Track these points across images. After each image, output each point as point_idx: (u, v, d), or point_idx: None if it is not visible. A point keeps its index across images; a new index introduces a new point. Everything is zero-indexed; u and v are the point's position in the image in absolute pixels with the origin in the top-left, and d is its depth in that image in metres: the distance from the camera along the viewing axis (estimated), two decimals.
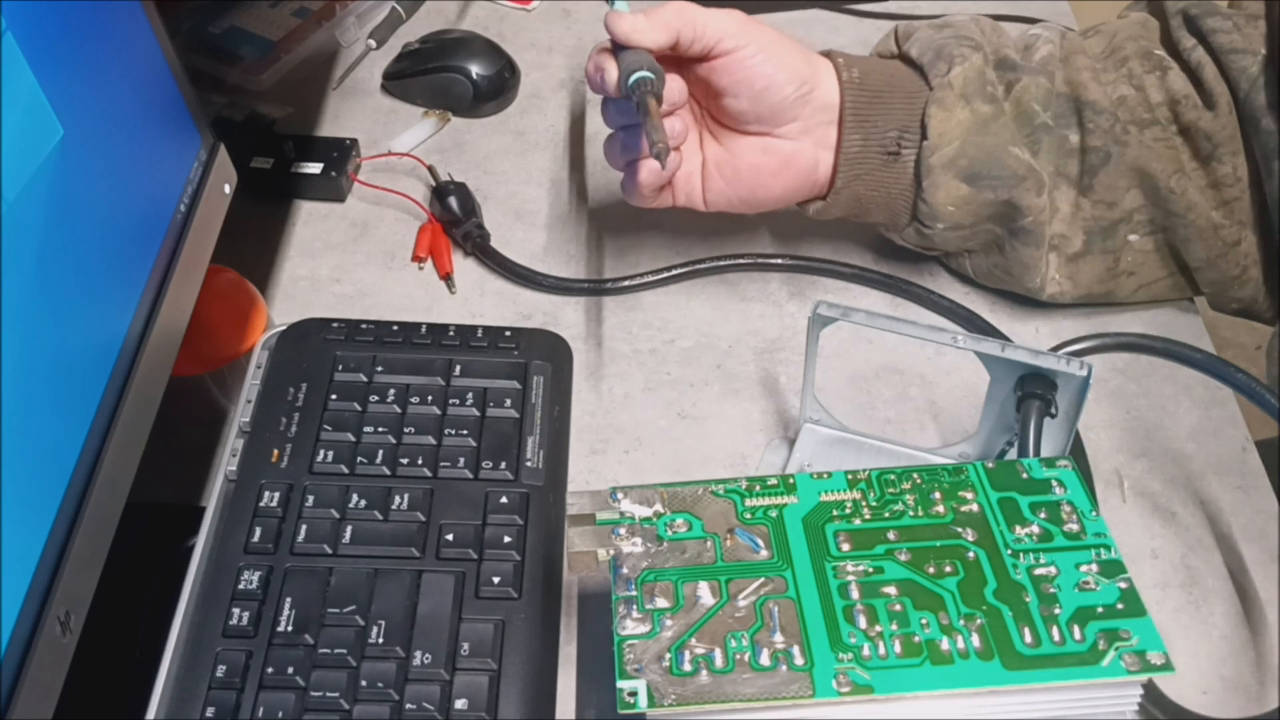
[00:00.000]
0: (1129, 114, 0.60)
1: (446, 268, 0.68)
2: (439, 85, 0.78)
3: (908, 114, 0.60)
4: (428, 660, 0.47)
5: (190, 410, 0.59)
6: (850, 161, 0.60)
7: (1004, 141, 0.59)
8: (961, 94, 0.59)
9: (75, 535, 0.42)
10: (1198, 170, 0.60)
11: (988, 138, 0.59)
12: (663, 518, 0.47)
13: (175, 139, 0.54)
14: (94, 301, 0.46)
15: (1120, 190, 0.60)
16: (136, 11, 0.50)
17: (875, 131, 0.60)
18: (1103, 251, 0.62)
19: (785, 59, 0.58)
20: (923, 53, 0.60)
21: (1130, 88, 0.60)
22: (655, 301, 0.67)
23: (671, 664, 0.42)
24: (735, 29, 0.57)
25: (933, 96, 0.59)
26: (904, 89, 0.60)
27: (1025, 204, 0.60)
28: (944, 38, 0.60)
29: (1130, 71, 0.61)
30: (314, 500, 0.52)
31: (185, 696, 0.46)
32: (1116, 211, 0.61)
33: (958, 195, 0.60)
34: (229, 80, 0.79)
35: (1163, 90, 0.60)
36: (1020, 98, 0.60)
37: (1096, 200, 0.61)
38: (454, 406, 0.55)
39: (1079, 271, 0.63)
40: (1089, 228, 0.61)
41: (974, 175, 0.59)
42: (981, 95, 0.59)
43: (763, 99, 0.58)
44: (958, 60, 0.59)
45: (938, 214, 0.60)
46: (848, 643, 0.43)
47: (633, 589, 0.44)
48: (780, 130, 0.59)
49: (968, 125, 0.59)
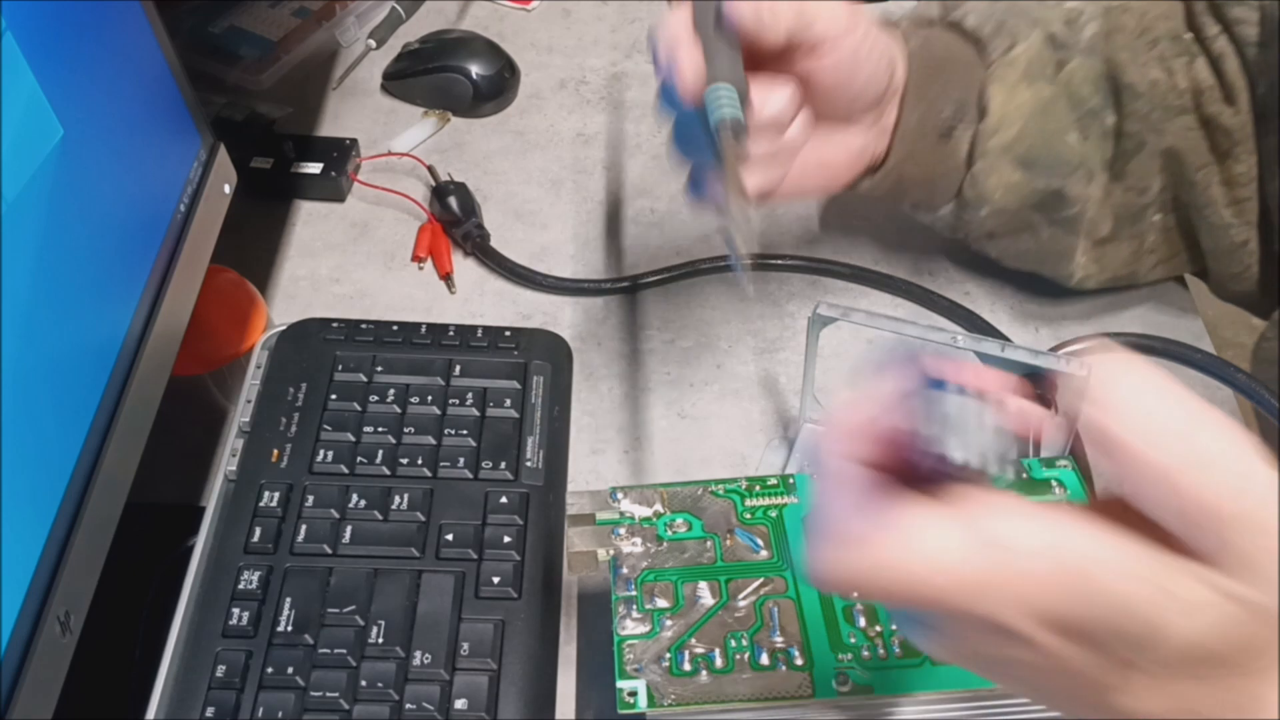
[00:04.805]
0: (1160, 99, 0.58)
1: (446, 268, 0.68)
2: (439, 85, 0.78)
3: (964, 90, 0.55)
4: (427, 660, 0.47)
5: (190, 410, 0.59)
6: (905, 140, 0.55)
7: (1062, 128, 0.56)
8: (1026, 74, 0.55)
9: (75, 535, 0.42)
10: (1215, 164, 0.59)
11: (1048, 123, 0.56)
12: (663, 518, 0.47)
13: (175, 139, 0.54)
14: (94, 301, 0.46)
15: (1151, 176, 0.59)
16: (136, 11, 0.50)
17: (932, 110, 0.55)
18: (1131, 236, 0.61)
19: (883, 45, 0.51)
20: (981, 24, 0.56)
21: (1162, 71, 0.58)
22: (655, 301, 0.67)
23: (671, 664, 0.42)
24: (849, 21, 0.47)
25: (993, 74, 0.55)
26: (960, 62, 0.55)
27: (1074, 194, 0.58)
28: (1002, 10, 0.56)
29: (1161, 54, 0.58)
30: (314, 500, 0.52)
31: (185, 696, 0.46)
32: (1146, 197, 0.59)
33: (1010, 181, 0.56)
34: (229, 80, 0.79)
35: (1189, 78, 0.58)
36: (1071, 79, 0.56)
37: (1128, 187, 0.59)
38: (454, 406, 0.55)
39: (1106, 255, 0.61)
40: (1119, 213, 0.60)
41: (1030, 161, 0.56)
42: (1044, 76, 0.55)
43: (863, 95, 0.51)
44: (1020, 37, 0.55)
45: (986, 198, 0.57)
46: (848, 643, 0.43)
47: (633, 589, 0.44)
48: (860, 120, 0.53)
49: (1029, 108, 0.55)
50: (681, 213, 0.63)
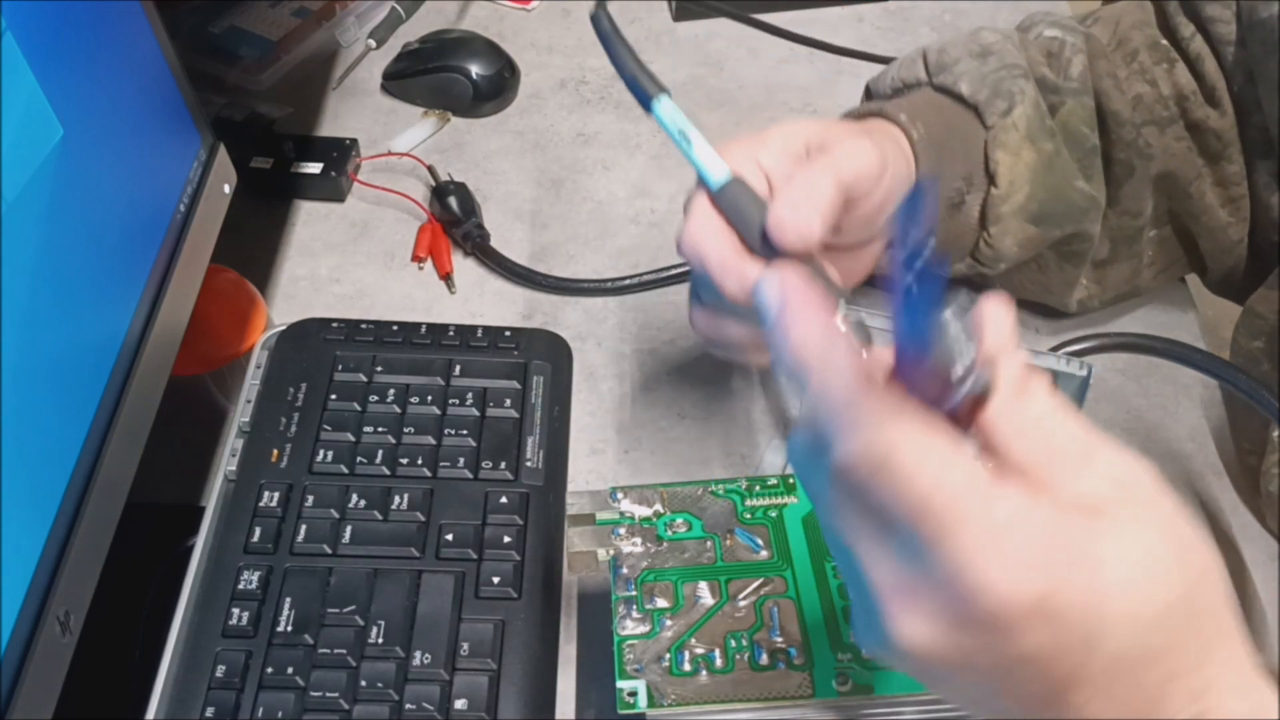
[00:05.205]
0: (1147, 113, 0.58)
1: (446, 268, 0.68)
2: (439, 85, 0.78)
3: (968, 161, 0.54)
4: (427, 660, 0.47)
5: (190, 410, 0.59)
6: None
7: (1069, 176, 0.56)
8: (1027, 135, 0.54)
9: (75, 535, 0.42)
10: (1206, 168, 0.59)
11: (1054, 176, 0.55)
12: (663, 518, 0.47)
13: (175, 139, 0.54)
14: (94, 301, 0.46)
15: (1144, 199, 0.59)
16: (136, 11, 0.50)
17: (943, 187, 0.54)
18: (1129, 256, 0.62)
19: (902, 168, 0.49)
20: (975, 90, 0.55)
21: (1145, 84, 0.58)
22: (655, 301, 0.67)
23: (671, 664, 0.42)
24: (877, 167, 0.44)
25: (995, 139, 0.54)
26: (960, 133, 0.54)
27: (1090, 232, 0.58)
28: (993, 70, 0.55)
29: (1142, 65, 0.58)
30: (314, 500, 0.52)
31: (185, 697, 0.46)
32: (1141, 219, 0.60)
33: (1025, 237, 0.56)
34: (229, 80, 0.79)
35: (1171, 84, 0.58)
36: (1067, 122, 0.56)
37: (1123, 211, 0.59)
38: (454, 406, 0.55)
39: (1107, 276, 0.62)
40: (1115, 236, 0.60)
41: (1043, 217, 0.56)
42: (1043, 131, 0.55)
43: (880, 221, 0.47)
44: (1017, 98, 0.54)
45: (1003, 257, 0.57)
46: (848, 643, 0.43)
47: (633, 589, 0.44)
48: (881, 235, 0.49)
49: (1035, 167, 0.55)
50: (681, 212, 0.63)
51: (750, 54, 0.83)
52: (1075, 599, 0.28)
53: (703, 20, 0.86)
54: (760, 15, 0.84)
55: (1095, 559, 0.28)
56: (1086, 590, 0.28)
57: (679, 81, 0.81)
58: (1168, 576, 0.28)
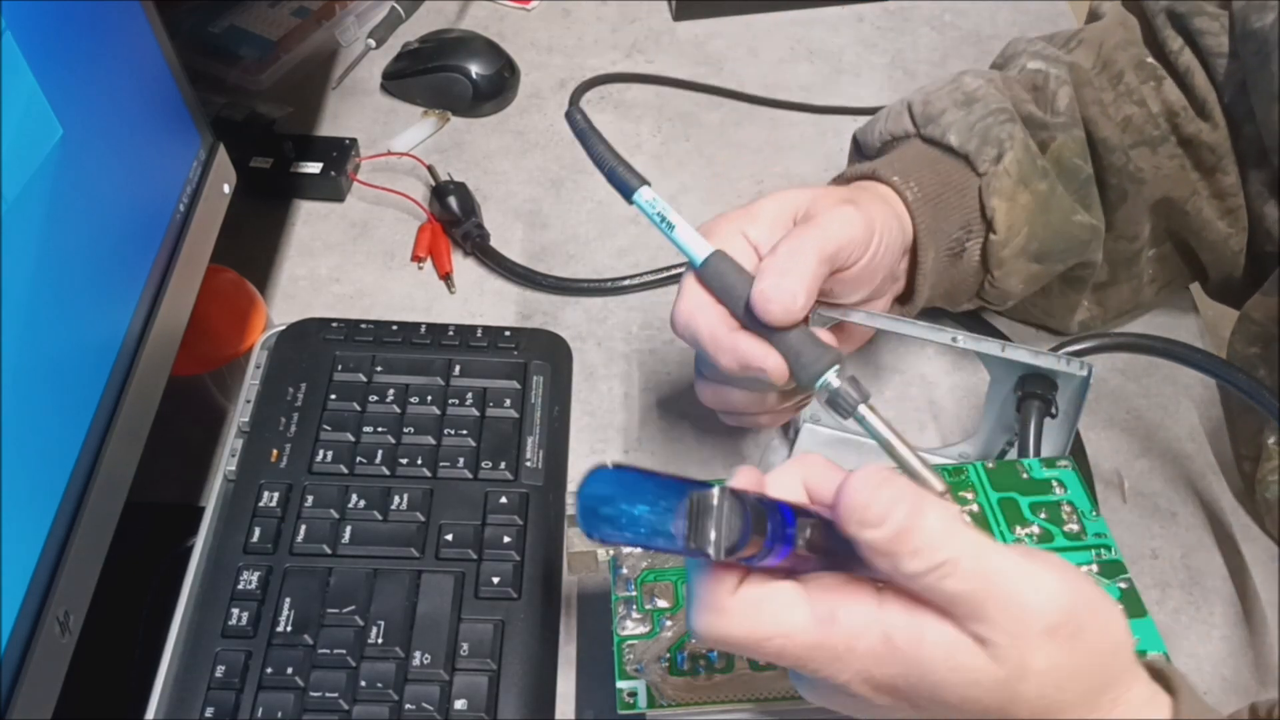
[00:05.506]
0: (1138, 134, 0.58)
1: (446, 267, 0.68)
2: (439, 85, 0.78)
3: (964, 210, 0.54)
4: (427, 660, 0.47)
5: (190, 410, 0.59)
6: (926, 279, 0.53)
7: (1067, 211, 0.56)
8: (1020, 179, 0.54)
9: (75, 535, 0.42)
10: (1202, 181, 0.59)
11: (1052, 215, 0.55)
12: None
13: (175, 139, 0.54)
14: (93, 301, 0.46)
15: (1140, 223, 0.60)
16: (136, 11, 0.50)
17: (942, 239, 0.54)
18: (1129, 278, 0.62)
19: (894, 231, 0.50)
20: (964, 141, 0.54)
21: (1133, 104, 0.58)
22: (655, 301, 0.67)
23: (671, 664, 0.42)
24: (864, 234, 0.47)
25: (990, 186, 0.54)
26: (954, 184, 0.54)
27: (1094, 260, 0.59)
28: (979, 118, 0.55)
29: (1129, 87, 0.58)
30: (313, 500, 0.52)
31: (184, 696, 0.46)
32: (1138, 243, 0.60)
33: (1029, 275, 0.56)
34: (229, 80, 0.79)
35: (1160, 101, 0.58)
36: (1060, 156, 0.56)
37: (1118, 235, 0.60)
38: (453, 406, 0.55)
39: (1108, 299, 0.63)
40: (1113, 259, 0.61)
41: (1044, 254, 0.56)
42: (1035, 172, 0.55)
43: (881, 280, 0.50)
44: (1007, 144, 0.54)
45: (1009, 295, 0.57)
46: None
47: (633, 589, 0.44)
48: (880, 294, 0.52)
49: (1032, 208, 0.55)
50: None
51: (750, 54, 0.83)
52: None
53: (703, 20, 0.86)
54: (760, 16, 0.84)
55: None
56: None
57: (679, 81, 0.81)
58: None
